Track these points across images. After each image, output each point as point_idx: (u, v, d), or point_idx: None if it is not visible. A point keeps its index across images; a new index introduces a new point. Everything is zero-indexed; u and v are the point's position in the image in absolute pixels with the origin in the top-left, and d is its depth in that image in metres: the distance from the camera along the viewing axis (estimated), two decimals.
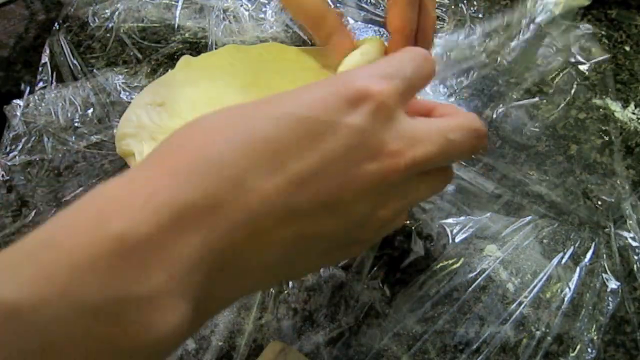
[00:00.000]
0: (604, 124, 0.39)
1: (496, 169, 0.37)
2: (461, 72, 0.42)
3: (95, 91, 0.43)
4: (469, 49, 0.44)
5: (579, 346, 0.30)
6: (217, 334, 0.32)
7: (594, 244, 0.33)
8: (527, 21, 0.45)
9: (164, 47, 0.46)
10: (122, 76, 0.44)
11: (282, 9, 0.48)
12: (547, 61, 0.42)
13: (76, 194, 0.38)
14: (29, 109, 0.42)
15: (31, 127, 0.41)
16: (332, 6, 0.47)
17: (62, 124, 0.42)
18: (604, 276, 0.32)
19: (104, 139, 0.41)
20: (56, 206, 0.37)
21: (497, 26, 0.45)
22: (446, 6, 0.47)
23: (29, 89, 0.44)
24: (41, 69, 0.45)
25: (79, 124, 0.42)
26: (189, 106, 0.36)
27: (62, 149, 0.40)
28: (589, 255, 0.33)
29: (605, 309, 0.31)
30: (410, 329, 0.31)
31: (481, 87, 0.41)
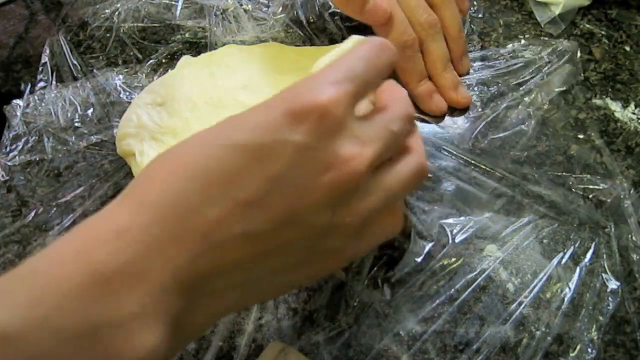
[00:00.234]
0: (604, 124, 0.39)
1: (496, 169, 0.37)
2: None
3: (95, 91, 0.43)
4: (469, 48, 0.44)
5: (579, 346, 0.30)
6: (217, 334, 0.32)
7: (594, 244, 0.34)
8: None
9: (164, 47, 0.46)
10: (122, 76, 0.44)
11: (282, 10, 0.48)
12: (547, 61, 0.42)
13: (76, 194, 0.38)
14: (29, 109, 0.42)
15: (31, 127, 0.41)
16: None
17: (62, 124, 0.42)
18: (604, 276, 0.32)
19: (104, 139, 0.41)
20: (56, 206, 0.38)
21: (497, 26, 0.45)
22: None
23: (29, 89, 0.44)
24: (41, 69, 0.45)
25: (79, 124, 0.42)
26: (189, 106, 0.36)
27: (62, 149, 0.40)
28: (589, 255, 0.33)
29: (605, 309, 0.31)
30: (410, 329, 0.31)
31: (481, 87, 0.41)
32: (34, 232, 0.37)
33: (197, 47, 0.46)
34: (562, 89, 0.41)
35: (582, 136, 0.38)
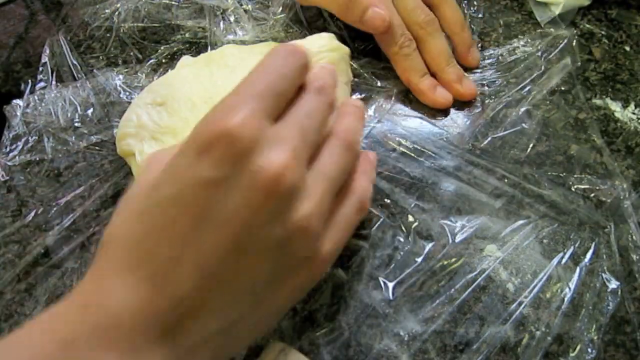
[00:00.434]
0: (604, 124, 0.39)
1: (496, 169, 0.37)
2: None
3: (95, 91, 0.43)
4: None
5: (579, 346, 0.30)
6: None
7: (594, 244, 0.34)
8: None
9: (164, 47, 0.46)
10: (122, 76, 0.44)
11: (282, 10, 0.48)
12: (547, 60, 0.42)
13: (76, 194, 0.38)
14: (29, 109, 0.42)
15: (31, 127, 0.41)
16: None
17: (62, 124, 0.42)
18: (604, 276, 0.32)
19: (104, 139, 0.41)
20: (56, 206, 0.38)
21: (496, 26, 0.45)
22: None
23: (29, 89, 0.44)
24: (41, 69, 0.45)
25: (79, 124, 0.42)
26: (189, 106, 0.36)
27: (62, 149, 0.40)
28: (589, 255, 0.33)
29: (605, 309, 0.31)
30: (410, 329, 0.31)
31: (481, 86, 0.41)
32: (34, 232, 0.37)
33: (197, 47, 0.46)
34: (562, 78, 0.41)
35: (582, 136, 0.38)
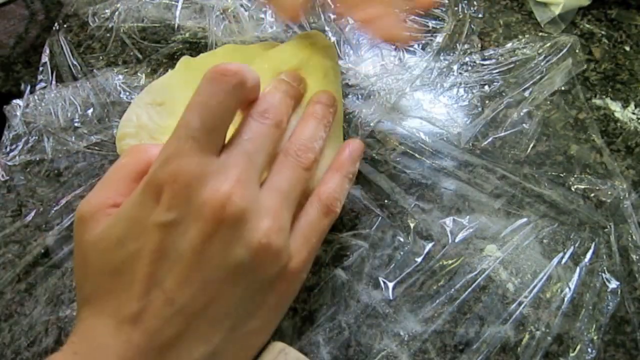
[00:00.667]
0: (604, 124, 0.39)
1: (496, 169, 0.37)
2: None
3: (95, 91, 0.43)
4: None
5: (579, 346, 0.30)
6: None
7: (594, 244, 0.33)
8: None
9: (164, 47, 0.46)
10: (122, 76, 0.44)
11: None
12: (546, 60, 0.42)
13: (76, 194, 0.38)
14: (29, 109, 0.42)
15: (31, 127, 0.41)
16: None
17: (62, 124, 0.42)
18: (604, 276, 0.32)
19: (104, 139, 0.41)
20: (56, 206, 0.37)
21: (496, 26, 0.45)
22: (446, 6, 0.47)
23: (29, 89, 0.44)
24: (41, 69, 0.45)
25: (79, 124, 0.42)
26: None
27: (62, 149, 0.40)
28: (589, 255, 0.33)
29: (605, 309, 0.31)
30: (410, 329, 0.31)
31: (481, 86, 0.41)
32: (34, 232, 0.37)
33: (197, 47, 0.46)
34: (563, 82, 0.41)
35: (582, 136, 0.38)
